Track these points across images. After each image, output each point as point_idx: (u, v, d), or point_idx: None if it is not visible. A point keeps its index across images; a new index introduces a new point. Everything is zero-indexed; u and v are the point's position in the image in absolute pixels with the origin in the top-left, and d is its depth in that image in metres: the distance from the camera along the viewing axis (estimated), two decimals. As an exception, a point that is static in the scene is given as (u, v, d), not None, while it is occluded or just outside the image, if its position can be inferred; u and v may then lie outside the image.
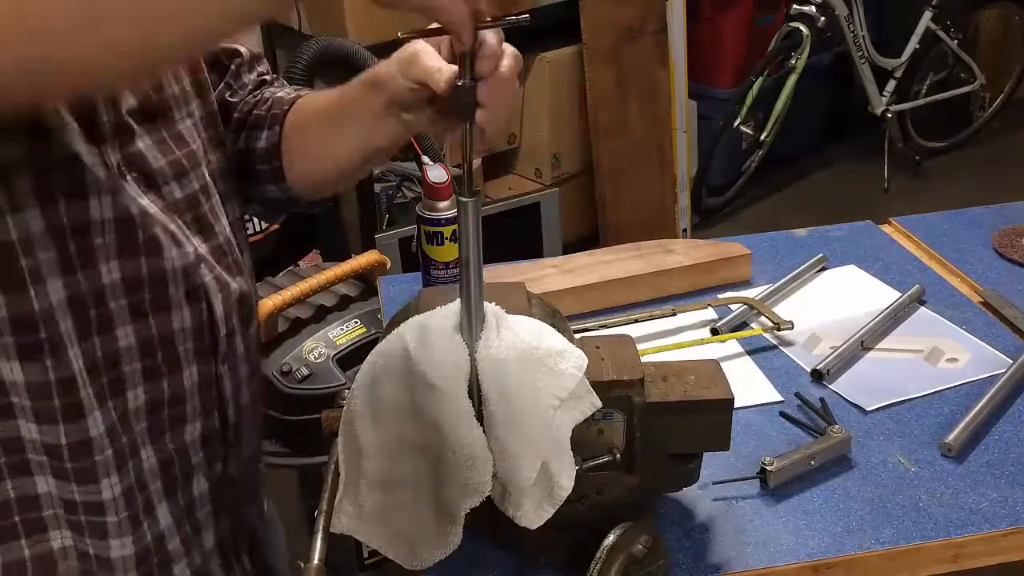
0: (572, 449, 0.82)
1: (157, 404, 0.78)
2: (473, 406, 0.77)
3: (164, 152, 0.78)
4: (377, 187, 2.73)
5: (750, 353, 1.24)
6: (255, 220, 2.49)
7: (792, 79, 3.70)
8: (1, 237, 0.67)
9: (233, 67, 0.95)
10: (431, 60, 0.76)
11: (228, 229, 0.86)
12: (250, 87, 0.96)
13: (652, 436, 0.87)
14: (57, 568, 0.76)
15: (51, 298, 0.70)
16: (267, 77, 0.97)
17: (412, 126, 0.83)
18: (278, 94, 0.95)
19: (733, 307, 1.32)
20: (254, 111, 0.93)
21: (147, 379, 0.77)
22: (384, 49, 2.37)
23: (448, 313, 0.80)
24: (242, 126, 0.93)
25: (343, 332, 1.78)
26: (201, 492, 0.84)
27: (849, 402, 1.13)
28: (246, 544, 0.93)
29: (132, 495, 0.77)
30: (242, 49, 0.95)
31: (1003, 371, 1.15)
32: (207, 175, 0.84)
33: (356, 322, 1.80)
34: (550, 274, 1.36)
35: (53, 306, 0.70)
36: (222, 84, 0.94)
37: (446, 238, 1.32)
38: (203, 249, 0.81)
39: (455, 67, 0.74)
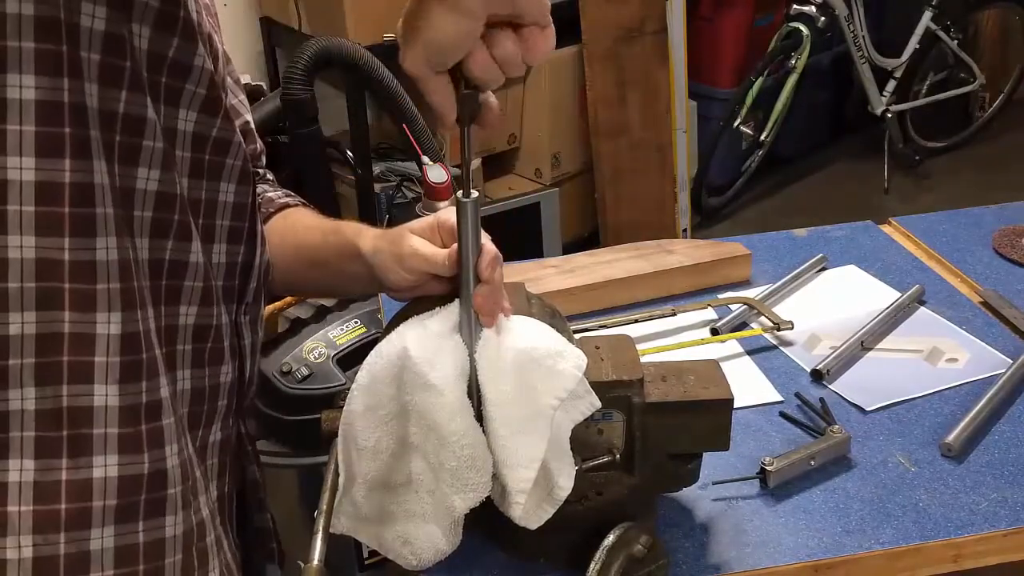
0: (572, 449, 0.82)
1: (203, 331, 0.79)
2: (473, 406, 0.77)
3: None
4: (377, 187, 2.72)
5: (750, 353, 1.24)
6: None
7: (792, 79, 3.70)
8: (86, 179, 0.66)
9: (248, 151, 0.96)
10: (428, 249, 0.82)
11: None
12: None
13: (652, 436, 0.87)
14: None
15: (141, 182, 0.70)
16: (261, 171, 1.02)
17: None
18: (268, 193, 1.01)
19: (733, 307, 1.32)
20: None
21: (202, 303, 0.78)
22: (384, 49, 2.38)
23: (448, 313, 0.80)
24: None
25: (343, 332, 1.78)
26: (214, 440, 0.84)
27: (849, 402, 1.13)
28: (234, 510, 0.92)
29: (176, 403, 0.76)
30: (259, 143, 1.00)
31: (1003, 371, 1.15)
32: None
33: (356, 322, 1.80)
34: (550, 274, 1.36)
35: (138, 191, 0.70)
36: None
37: (446, 238, 1.31)
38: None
39: (452, 248, 0.78)
